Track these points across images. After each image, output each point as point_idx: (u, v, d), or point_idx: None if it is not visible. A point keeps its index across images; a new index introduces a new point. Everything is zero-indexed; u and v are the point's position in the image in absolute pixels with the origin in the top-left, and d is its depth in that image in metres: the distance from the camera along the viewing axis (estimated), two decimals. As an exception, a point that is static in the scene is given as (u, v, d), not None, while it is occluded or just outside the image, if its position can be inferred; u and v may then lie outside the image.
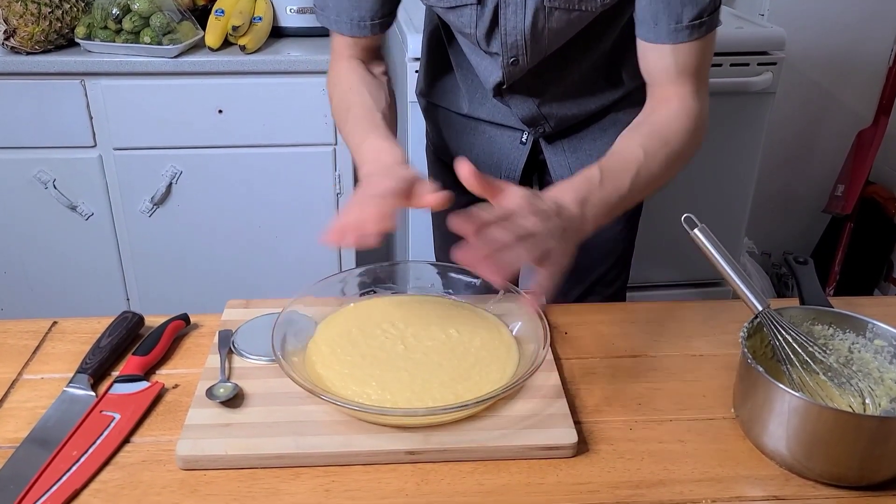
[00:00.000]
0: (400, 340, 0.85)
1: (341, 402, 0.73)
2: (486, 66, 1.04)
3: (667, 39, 0.89)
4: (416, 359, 0.82)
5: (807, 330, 0.81)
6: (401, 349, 0.83)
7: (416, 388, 0.78)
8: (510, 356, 0.83)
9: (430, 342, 0.85)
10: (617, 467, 0.73)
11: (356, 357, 0.82)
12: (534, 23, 0.94)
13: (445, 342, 0.85)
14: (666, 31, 0.88)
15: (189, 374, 0.84)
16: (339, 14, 0.99)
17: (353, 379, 0.79)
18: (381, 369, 0.80)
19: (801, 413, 0.69)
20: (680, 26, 0.88)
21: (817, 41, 2.11)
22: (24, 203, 1.80)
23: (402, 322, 0.88)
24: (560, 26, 0.95)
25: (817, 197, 2.32)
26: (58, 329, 0.93)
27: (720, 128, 1.68)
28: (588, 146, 1.13)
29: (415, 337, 0.85)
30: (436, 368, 0.81)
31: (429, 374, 0.80)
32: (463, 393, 0.77)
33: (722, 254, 0.80)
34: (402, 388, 0.78)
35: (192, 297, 1.92)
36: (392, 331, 0.86)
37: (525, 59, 0.99)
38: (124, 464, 0.72)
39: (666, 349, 0.91)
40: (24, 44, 1.64)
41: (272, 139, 1.80)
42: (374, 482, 0.71)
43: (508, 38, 0.97)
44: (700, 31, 0.89)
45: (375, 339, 0.85)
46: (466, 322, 0.88)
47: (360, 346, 0.84)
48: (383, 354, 0.83)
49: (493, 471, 0.72)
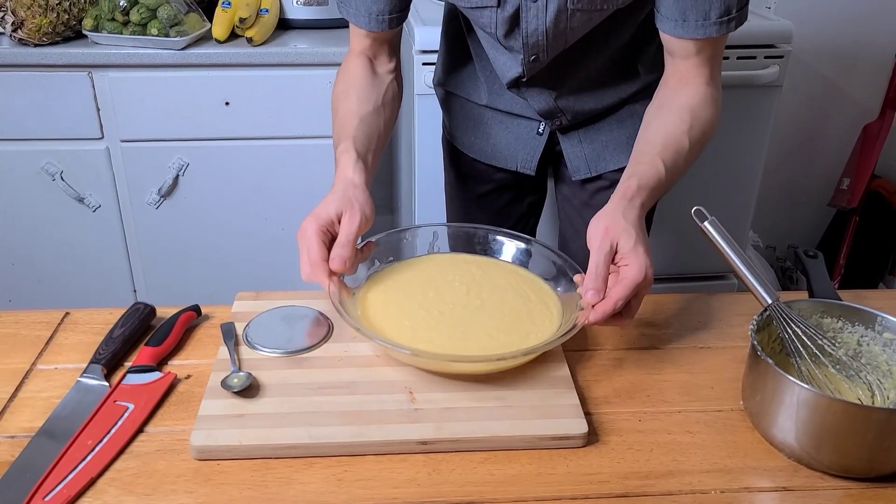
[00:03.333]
0: (458, 294, 0.89)
1: (407, 350, 0.77)
2: (505, 60, 1.05)
3: (695, 34, 0.89)
4: (468, 312, 0.87)
5: (816, 323, 0.81)
6: (459, 301, 0.88)
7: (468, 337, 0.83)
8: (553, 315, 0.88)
9: (483, 297, 0.89)
10: (626, 458, 0.74)
11: (414, 308, 0.86)
12: (555, 23, 0.95)
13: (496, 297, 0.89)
14: (694, 27, 0.89)
15: (201, 365, 0.85)
16: (357, 7, 1.00)
17: (412, 331, 0.83)
18: (436, 321, 0.84)
19: (810, 405, 0.69)
20: (708, 22, 0.88)
21: (824, 34, 2.10)
22: (31, 195, 1.81)
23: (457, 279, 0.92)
24: (581, 24, 0.96)
25: (823, 190, 2.31)
26: (70, 320, 0.93)
27: (727, 121, 1.66)
28: (605, 137, 1.13)
29: (470, 291, 0.90)
30: (485, 321, 0.85)
31: (479, 326, 0.84)
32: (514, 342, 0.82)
33: (732, 246, 0.80)
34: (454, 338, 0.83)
35: (198, 288, 1.92)
36: (452, 285, 0.91)
37: (545, 55, 1.00)
38: (139, 453, 0.73)
39: (673, 342, 0.92)
40: (31, 35, 1.65)
41: (279, 131, 1.80)
42: (386, 471, 0.71)
43: (530, 38, 0.97)
44: (729, 27, 0.89)
45: (427, 294, 0.89)
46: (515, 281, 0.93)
47: (414, 300, 0.88)
48: (439, 308, 0.86)
49: (504, 461, 0.73)
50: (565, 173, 1.19)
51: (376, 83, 1.02)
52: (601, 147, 1.14)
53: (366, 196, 0.88)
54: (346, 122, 0.96)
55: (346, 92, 1.00)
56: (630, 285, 0.78)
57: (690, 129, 0.89)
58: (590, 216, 1.21)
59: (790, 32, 1.66)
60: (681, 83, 0.93)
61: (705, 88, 0.92)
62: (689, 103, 0.91)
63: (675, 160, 0.88)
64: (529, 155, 1.17)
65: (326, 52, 1.72)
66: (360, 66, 1.02)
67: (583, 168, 1.15)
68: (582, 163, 1.15)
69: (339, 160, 0.92)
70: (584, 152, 1.14)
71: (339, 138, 0.95)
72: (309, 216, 0.85)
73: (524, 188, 1.26)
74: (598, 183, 1.17)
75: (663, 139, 0.89)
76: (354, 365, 0.83)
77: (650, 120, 0.93)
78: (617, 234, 0.80)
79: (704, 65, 0.92)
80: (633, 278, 0.78)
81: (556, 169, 1.23)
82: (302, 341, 0.85)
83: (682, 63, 0.93)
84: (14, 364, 0.85)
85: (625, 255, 0.80)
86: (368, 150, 0.94)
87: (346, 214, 0.85)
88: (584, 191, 1.19)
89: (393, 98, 1.04)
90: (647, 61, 1.07)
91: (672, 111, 0.91)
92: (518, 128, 1.15)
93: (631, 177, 0.86)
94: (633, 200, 0.84)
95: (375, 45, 1.04)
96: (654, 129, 0.91)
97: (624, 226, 0.81)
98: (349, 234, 0.83)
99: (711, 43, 0.90)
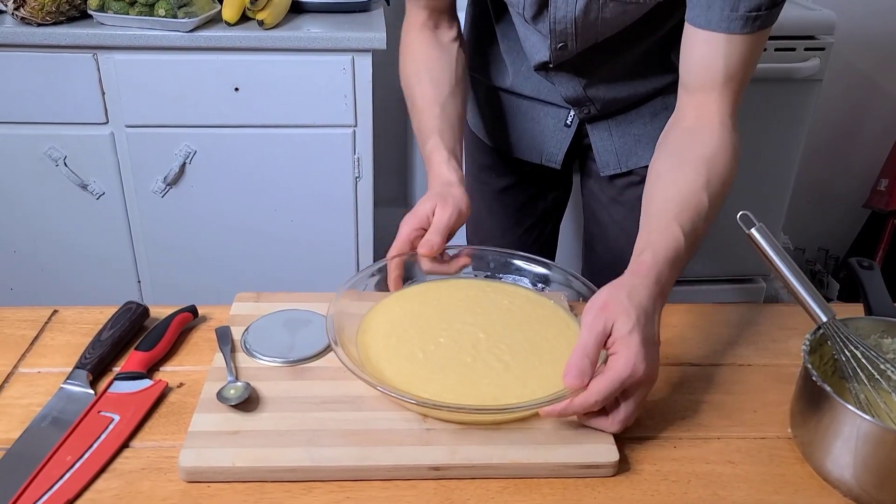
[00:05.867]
0: (463, 333, 0.80)
1: (414, 400, 0.68)
2: (534, 42, 0.99)
3: (718, 27, 0.80)
4: (478, 354, 0.77)
5: (875, 343, 0.73)
6: (465, 342, 0.78)
7: (480, 384, 0.73)
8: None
9: (493, 334, 0.79)
10: (661, 490, 0.67)
11: (415, 351, 0.76)
12: (585, 12, 0.88)
13: (510, 335, 0.79)
14: (719, 16, 0.80)
15: (195, 373, 0.78)
16: None
17: (416, 377, 0.73)
18: (442, 363, 0.75)
19: (872, 439, 0.62)
20: (735, 15, 0.80)
21: (866, 27, 2.00)
22: (34, 181, 1.75)
23: (465, 313, 0.83)
24: (614, 16, 0.89)
25: (857, 191, 2.22)
26: (58, 318, 0.87)
27: (762, 117, 1.59)
28: (637, 131, 1.06)
29: (478, 329, 0.80)
30: (500, 364, 0.76)
31: (492, 371, 0.75)
32: (534, 391, 0.71)
33: (782, 256, 0.73)
34: (464, 383, 0.73)
35: (203, 280, 1.86)
36: (457, 324, 0.81)
37: (574, 45, 0.93)
38: (122, 471, 0.66)
39: (710, 357, 0.84)
40: (34, 14, 1.58)
41: (290, 119, 1.73)
42: (393, 500, 0.65)
43: (558, 25, 0.91)
44: (754, 25, 0.80)
45: (433, 331, 0.79)
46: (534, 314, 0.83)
47: (416, 340, 0.78)
48: (446, 347, 0.77)
49: (524, 490, 0.66)
50: (593, 168, 1.12)
51: (446, 58, 0.99)
52: (633, 141, 1.07)
53: (461, 192, 0.89)
54: (427, 112, 0.95)
55: (419, 74, 0.98)
56: (614, 379, 0.65)
57: (708, 183, 0.77)
58: (618, 213, 1.15)
59: (832, 23, 1.57)
60: (696, 123, 0.83)
61: (721, 133, 0.81)
62: (705, 153, 0.80)
63: (695, 223, 0.76)
64: (556, 148, 1.10)
65: (341, 38, 1.65)
66: (424, 41, 0.99)
67: (612, 163, 1.08)
68: (612, 157, 1.08)
69: (431, 158, 0.93)
70: (615, 146, 1.07)
71: (423, 132, 0.95)
72: (408, 214, 0.87)
73: (549, 182, 1.20)
74: (628, 178, 1.10)
75: (679, 199, 0.77)
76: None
77: (662, 173, 0.81)
78: (614, 313, 0.68)
79: (724, 102, 0.82)
80: (617, 372, 0.66)
81: (583, 163, 1.16)
82: (304, 349, 0.78)
83: (699, 97, 0.82)
84: (-6, 366, 0.79)
85: (616, 340, 0.67)
86: (455, 142, 0.94)
87: (440, 207, 0.86)
88: (613, 186, 1.12)
89: (464, 70, 1.02)
90: None
91: (687, 163, 0.80)
92: (545, 118, 1.09)
93: (644, 250, 0.74)
94: (646, 278, 0.71)
95: (435, 13, 1.00)
96: (667, 187, 0.79)
97: (625, 306, 0.68)
98: (441, 222, 0.85)
99: (738, 49, 0.80)
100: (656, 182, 0.81)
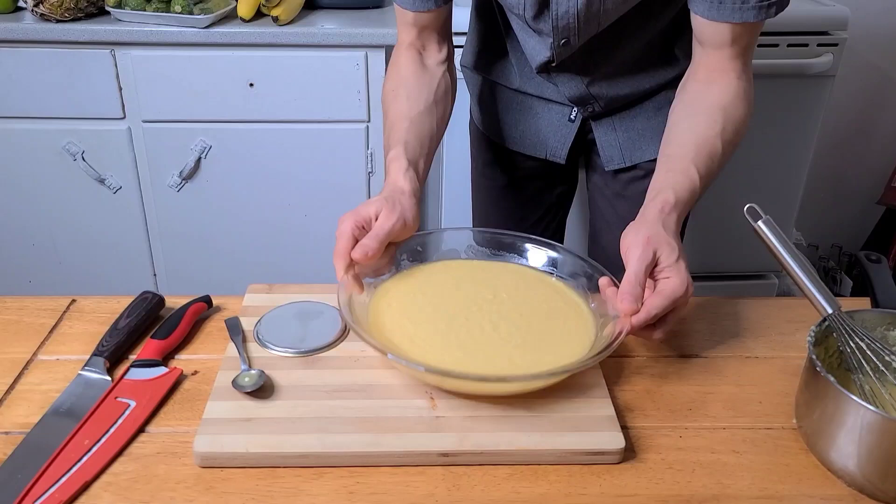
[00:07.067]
0: (473, 304, 0.82)
1: (425, 368, 0.69)
2: (534, 44, 0.99)
3: (731, 18, 0.82)
4: (489, 325, 0.79)
5: (881, 335, 0.74)
6: (475, 313, 0.80)
7: (492, 354, 0.75)
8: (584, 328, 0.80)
9: (504, 306, 0.82)
10: (665, 479, 0.67)
11: (429, 323, 0.78)
12: (588, 5, 0.89)
13: (520, 306, 0.82)
14: (731, 9, 0.81)
15: (209, 361, 0.80)
16: None
17: (431, 346, 0.75)
18: (457, 333, 0.77)
19: (876, 429, 0.62)
20: (746, 6, 0.81)
21: (880, 22, 1.99)
22: (53, 175, 1.78)
23: (475, 285, 0.85)
24: (615, 7, 0.89)
25: (872, 187, 2.21)
26: (76, 308, 0.89)
27: (774, 113, 1.58)
28: (640, 125, 1.07)
29: (489, 301, 0.82)
30: (510, 335, 0.78)
31: (503, 341, 0.77)
32: (541, 362, 0.74)
33: (788, 249, 0.73)
34: (478, 354, 0.75)
35: (218, 272, 1.89)
36: (467, 294, 0.83)
37: (576, 39, 0.94)
38: (138, 455, 0.68)
39: (717, 349, 0.85)
40: (53, 11, 1.61)
41: (304, 114, 1.75)
42: (402, 485, 0.66)
43: (560, 21, 0.92)
44: (769, 13, 0.82)
45: (445, 304, 0.82)
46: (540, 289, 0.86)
47: (429, 312, 0.80)
48: (458, 320, 0.79)
49: (531, 477, 0.67)
50: (598, 162, 1.13)
51: (426, 79, 0.97)
52: (636, 135, 1.07)
53: (412, 203, 0.84)
54: (397, 125, 0.92)
55: (396, 91, 0.96)
56: (670, 296, 0.74)
57: (723, 130, 0.84)
58: (623, 207, 1.16)
59: (846, 19, 1.56)
60: (711, 76, 0.87)
61: (737, 83, 0.86)
62: (720, 101, 0.85)
63: (710, 166, 0.83)
64: (560, 143, 1.10)
65: (355, 34, 1.66)
66: (409, 60, 0.98)
67: (616, 157, 1.09)
68: (616, 152, 1.09)
69: (390, 168, 0.89)
70: (619, 141, 1.08)
71: (389, 143, 0.92)
72: (348, 212, 0.82)
73: (554, 177, 1.20)
74: (632, 173, 1.10)
75: (696, 143, 0.84)
76: (371, 367, 0.77)
77: (679, 119, 0.87)
78: (660, 245, 0.76)
79: (737, 57, 0.85)
80: (673, 290, 0.74)
81: (588, 158, 1.17)
82: (316, 340, 0.80)
83: (713, 53, 0.86)
84: (15, 353, 0.81)
85: (666, 268, 0.76)
86: (420, 156, 0.91)
87: (384, 212, 0.82)
88: (618, 181, 1.12)
89: (445, 93, 0.99)
90: (685, 45, 1.00)
91: (703, 111, 0.86)
92: (549, 114, 1.09)
93: (667, 188, 0.81)
94: (671, 214, 0.80)
95: (424, 33, 0.98)
96: (684, 131, 0.86)
97: (666, 238, 0.77)
98: (380, 229, 0.80)
99: (747, 31, 0.83)
100: (673, 128, 0.87)
